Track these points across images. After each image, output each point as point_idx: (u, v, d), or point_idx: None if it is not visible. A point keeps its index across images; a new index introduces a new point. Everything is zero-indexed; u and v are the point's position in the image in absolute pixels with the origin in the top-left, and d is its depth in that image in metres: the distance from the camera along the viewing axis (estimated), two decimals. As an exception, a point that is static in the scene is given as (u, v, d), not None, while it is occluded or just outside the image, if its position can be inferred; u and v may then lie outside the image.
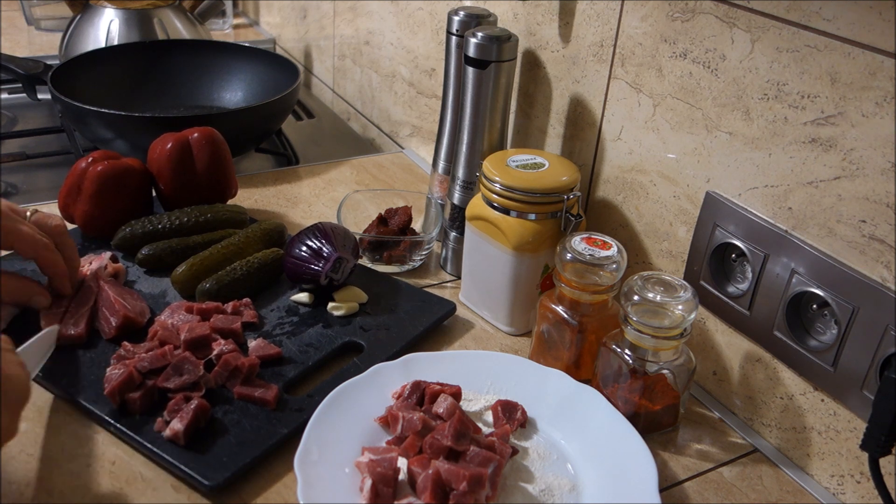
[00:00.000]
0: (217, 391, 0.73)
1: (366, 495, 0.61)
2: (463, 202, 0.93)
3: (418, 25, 1.22)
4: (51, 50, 1.64)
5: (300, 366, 0.77)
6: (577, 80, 0.91)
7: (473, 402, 0.73)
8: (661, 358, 0.71)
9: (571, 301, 0.76)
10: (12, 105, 1.41)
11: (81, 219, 0.93)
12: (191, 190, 0.97)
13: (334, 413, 0.69)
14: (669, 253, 0.82)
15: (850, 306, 0.64)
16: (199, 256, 0.86)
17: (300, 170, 1.21)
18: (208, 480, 0.64)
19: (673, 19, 0.76)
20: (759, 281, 0.71)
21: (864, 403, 0.64)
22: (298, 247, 0.85)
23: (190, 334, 0.74)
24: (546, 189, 0.80)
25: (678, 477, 0.71)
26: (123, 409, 0.70)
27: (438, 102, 1.13)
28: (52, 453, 0.67)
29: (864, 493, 0.67)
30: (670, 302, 0.68)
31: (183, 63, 1.37)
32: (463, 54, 0.89)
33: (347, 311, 0.85)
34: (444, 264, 0.98)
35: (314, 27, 1.64)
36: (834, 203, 0.65)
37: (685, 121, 0.77)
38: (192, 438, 0.67)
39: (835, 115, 0.63)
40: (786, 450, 0.73)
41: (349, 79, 1.52)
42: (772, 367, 0.73)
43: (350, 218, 0.98)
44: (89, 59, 1.28)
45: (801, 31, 0.65)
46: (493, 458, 0.63)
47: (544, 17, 0.94)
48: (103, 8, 1.45)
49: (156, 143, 0.98)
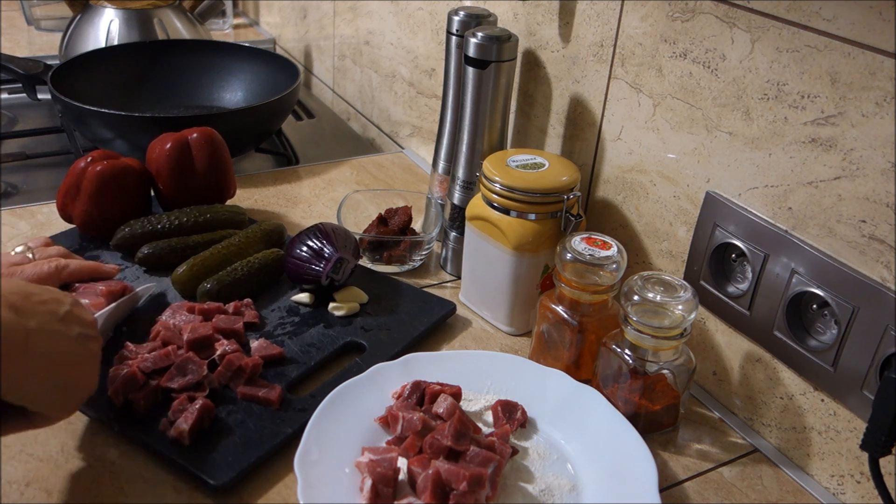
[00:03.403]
0: (220, 391, 0.73)
1: (366, 495, 0.61)
2: (463, 202, 0.93)
3: (418, 25, 1.22)
4: (51, 50, 1.65)
5: (302, 366, 0.77)
6: (577, 80, 0.91)
7: (473, 402, 0.73)
8: (661, 358, 0.71)
9: (571, 301, 0.76)
10: (12, 105, 1.41)
11: (80, 219, 0.93)
12: (190, 190, 0.97)
13: (334, 413, 0.69)
14: (669, 253, 0.82)
15: (850, 306, 0.64)
16: (199, 257, 0.86)
17: (300, 170, 1.21)
18: (214, 480, 0.64)
19: (673, 19, 0.76)
20: (759, 281, 0.71)
21: (864, 403, 0.64)
22: (299, 247, 0.85)
23: (193, 334, 0.75)
24: (546, 189, 0.80)
25: (678, 477, 0.71)
26: (127, 410, 0.70)
27: (438, 102, 1.13)
28: (52, 453, 0.67)
29: (864, 493, 0.67)
30: (670, 302, 0.68)
31: (183, 63, 1.37)
32: (463, 54, 0.89)
33: (348, 312, 0.85)
34: (444, 264, 0.98)
35: (314, 27, 1.64)
36: (834, 203, 0.65)
37: (685, 121, 0.77)
38: (197, 438, 0.67)
39: (835, 115, 0.63)
40: (786, 450, 0.73)
41: (349, 79, 1.52)
42: (772, 367, 0.73)
43: (350, 218, 0.98)
44: (89, 59, 1.28)
45: (801, 31, 0.65)
46: (493, 458, 0.63)
47: (544, 17, 0.94)
48: (103, 8, 1.45)
49: (155, 143, 0.98)
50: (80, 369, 0.58)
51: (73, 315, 0.58)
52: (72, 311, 0.58)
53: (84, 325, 0.59)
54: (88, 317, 0.61)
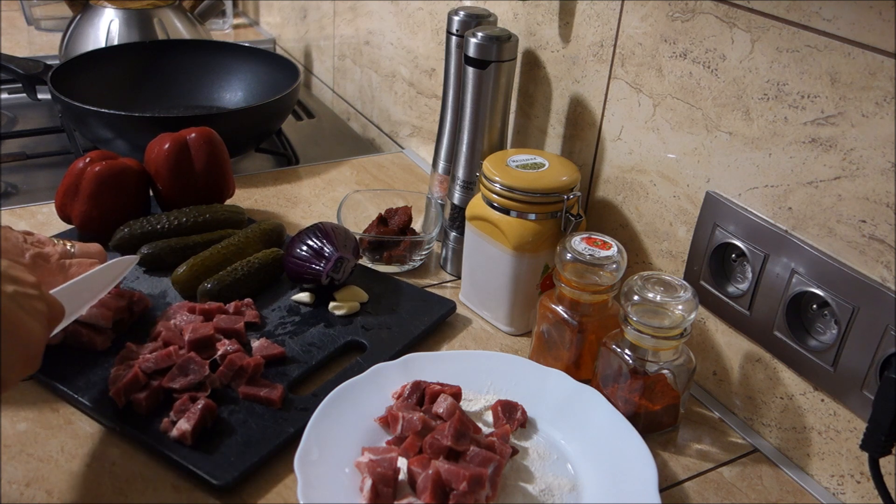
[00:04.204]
0: (222, 391, 0.73)
1: (366, 495, 0.61)
2: (463, 202, 0.93)
3: (418, 25, 1.22)
4: (51, 50, 1.65)
5: (304, 365, 0.77)
6: (577, 80, 0.91)
7: (473, 402, 0.73)
8: (661, 358, 0.71)
9: (571, 301, 0.76)
10: (12, 105, 1.41)
11: (79, 219, 0.93)
12: (188, 190, 0.97)
13: (334, 413, 0.69)
14: (669, 253, 0.82)
15: (850, 306, 0.64)
16: (199, 257, 0.86)
17: (300, 170, 1.21)
18: (217, 480, 0.64)
19: (673, 19, 0.76)
20: (759, 281, 0.71)
21: (864, 403, 0.64)
22: (299, 247, 0.85)
23: (194, 335, 0.75)
24: (546, 189, 0.80)
25: (678, 477, 0.71)
26: (129, 410, 0.70)
27: (438, 102, 1.13)
28: (52, 453, 0.67)
29: (864, 493, 0.67)
30: (670, 302, 0.68)
31: (183, 63, 1.37)
32: (463, 54, 0.89)
33: (349, 311, 0.85)
34: (444, 264, 0.98)
35: (314, 27, 1.64)
36: (834, 203, 0.65)
37: (685, 121, 0.77)
38: (200, 438, 0.67)
39: (835, 115, 0.63)
40: (786, 450, 0.73)
41: (349, 79, 1.52)
42: (772, 367, 0.73)
43: (350, 218, 0.98)
44: (89, 59, 1.28)
45: (801, 31, 0.65)
46: (493, 458, 0.63)
47: (544, 17, 0.94)
48: (103, 8, 1.45)
49: (153, 143, 0.98)
50: (20, 328, 0.56)
51: (7, 276, 0.57)
52: (6, 272, 0.57)
53: (21, 283, 0.58)
54: (28, 277, 0.59)
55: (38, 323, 0.58)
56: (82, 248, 0.81)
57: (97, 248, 0.83)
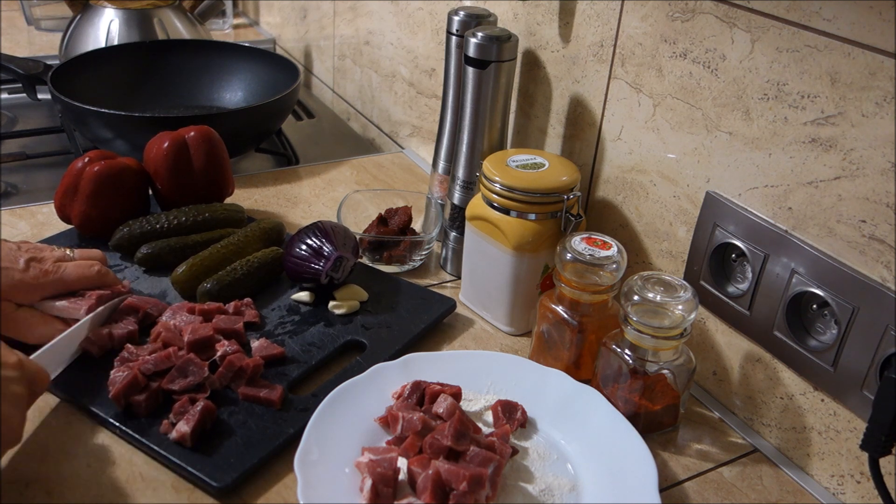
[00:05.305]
0: (221, 392, 0.73)
1: (366, 495, 0.61)
2: (463, 202, 0.93)
3: (418, 25, 1.22)
4: (51, 50, 1.64)
5: (303, 365, 0.77)
6: (577, 80, 0.91)
7: (473, 402, 0.73)
8: (661, 358, 0.71)
9: (571, 301, 0.76)
10: (12, 105, 1.41)
11: (78, 219, 0.93)
12: (188, 189, 0.97)
13: (334, 413, 0.69)
14: (669, 253, 0.82)
15: (850, 306, 0.64)
16: (198, 256, 0.86)
17: (300, 170, 1.21)
18: (217, 482, 0.64)
19: (673, 19, 0.76)
20: (759, 281, 0.71)
21: (864, 403, 0.64)
22: (299, 246, 0.85)
23: (193, 336, 0.75)
24: (546, 189, 0.80)
25: (678, 477, 0.71)
26: (128, 412, 0.70)
27: (438, 102, 1.13)
28: (52, 453, 0.67)
29: (864, 493, 0.67)
30: (670, 302, 0.68)
31: (183, 63, 1.37)
32: (463, 54, 0.89)
33: (348, 310, 0.85)
34: (444, 264, 0.98)
35: (314, 27, 1.64)
36: (834, 203, 0.65)
37: (685, 121, 0.77)
38: (199, 440, 0.67)
39: (835, 115, 0.63)
40: (786, 450, 0.73)
41: (349, 79, 1.52)
42: (772, 367, 0.73)
43: (350, 218, 0.98)
44: (89, 59, 1.28)
45: (801, 31, 0.65)
46: (493, 458, 0.63)
47: (544, 17, 0.94)
48: (103, 8, 1.45)
49: (152, 142, 0.98)
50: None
51: None
52: None
53: (5, 367, 0.58)
54: (8, 357, 0.59)
55: (15, 409, 0.58)
56: (82, 254, 0.82)
57: (98, 254, 0.83)
